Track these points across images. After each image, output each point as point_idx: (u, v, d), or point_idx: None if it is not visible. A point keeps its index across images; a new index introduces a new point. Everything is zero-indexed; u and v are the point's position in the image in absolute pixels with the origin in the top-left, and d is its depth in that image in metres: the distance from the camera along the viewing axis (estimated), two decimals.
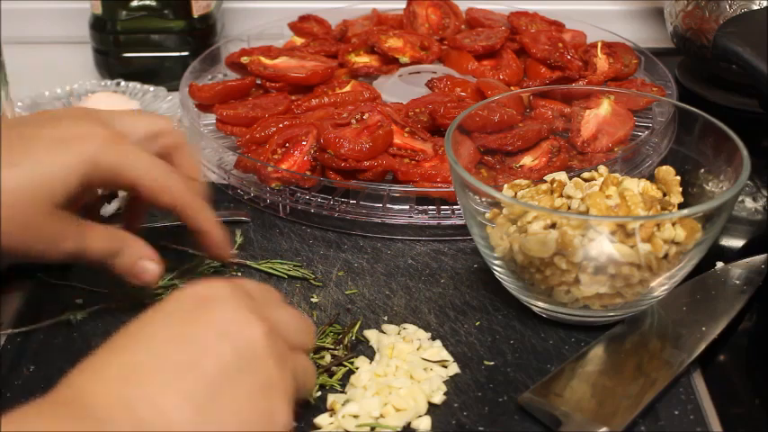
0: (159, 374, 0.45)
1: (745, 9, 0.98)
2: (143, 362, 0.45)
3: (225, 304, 0.49)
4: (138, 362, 0.45)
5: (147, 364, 0.45)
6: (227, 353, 0.46)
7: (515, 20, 1.09)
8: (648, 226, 0.62)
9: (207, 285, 0.50)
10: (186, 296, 0.49)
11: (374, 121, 0.84)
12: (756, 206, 0.87)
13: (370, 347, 0.66)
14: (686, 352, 0.64)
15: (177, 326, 0.47)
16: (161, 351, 0.46)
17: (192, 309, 0.48)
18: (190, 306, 0.49)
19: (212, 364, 0.46)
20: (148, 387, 0.44)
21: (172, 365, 0.45)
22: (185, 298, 0.49)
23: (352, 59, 1.03)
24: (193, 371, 0.45)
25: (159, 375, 0.45)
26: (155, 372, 0.45)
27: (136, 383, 0.44)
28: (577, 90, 0.94)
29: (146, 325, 0.48)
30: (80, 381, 0.45)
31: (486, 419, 0.60)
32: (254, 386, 0.47)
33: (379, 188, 0.80)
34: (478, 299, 0.72)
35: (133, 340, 0.47)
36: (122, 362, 0.45)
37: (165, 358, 0.45)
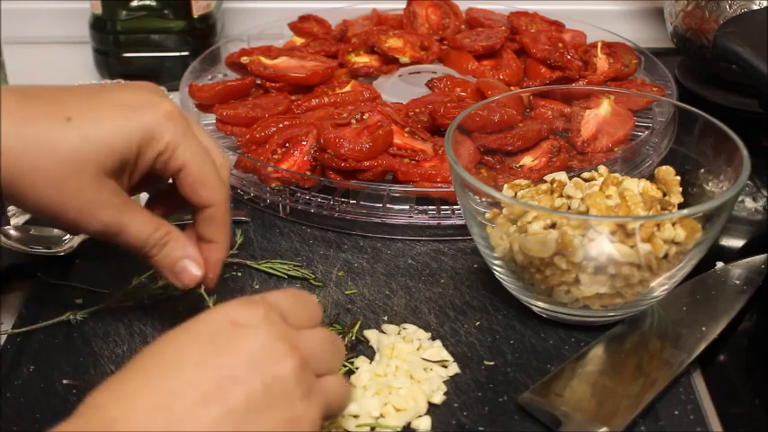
0: (187, 403, 0.44)
1: (745, 9, 0.98)
2: (172, 390, 0.44)
3: (257, 333, 0.47)
4: (167, 389, 0.44)
5: (176, 391, 0.44)
6: (257, 386, 0.45)
7: (515, 20, 1.09)
8: (648, 226, 0.62)
9: (240, 309, 0.48)
10: (218, 319, 0.48)
11: (374, 121, 0.84)
12: (756, 206, 0.86)
13: (370, 347, 0.66)
14: (686, 352, 0.64)
15: (208, 352, 0.46)
16: (190, 378, 0.45)
17: (223, 334, 0.47)
18: (222, 331, 0.47)
19: (240, 396, 0.45)
20: (176, 415, 0.43)
21: (200, 395, 0.44)
22: (217, 321, 0.48)
23: (352, 59, 1.03)
24: (221, 401, 0.44)
25: (187, 404, 0.44)
26: (183, 400, 0.44)
27: (164, 411, 0.43)
28: (577, 90, 0.94)
29: (175, 347, 0.47)
30: (107, 405, 0.44)
31: (486, 419, 0.60)
32: (280, 421, 0.46)
33: (379, 188, 0.80)
34: (478, 299, 0.72)
35: (162, 364, 0.46)
36: (151, 387, 0.45)
37: (193, 386, 0.44)
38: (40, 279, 0.74)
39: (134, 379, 0.45)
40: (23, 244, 0.76)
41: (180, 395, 0.44)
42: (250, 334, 0.47)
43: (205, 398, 0.44)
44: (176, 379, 0.45)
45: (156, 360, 0.46)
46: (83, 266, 0.76)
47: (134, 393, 0.44)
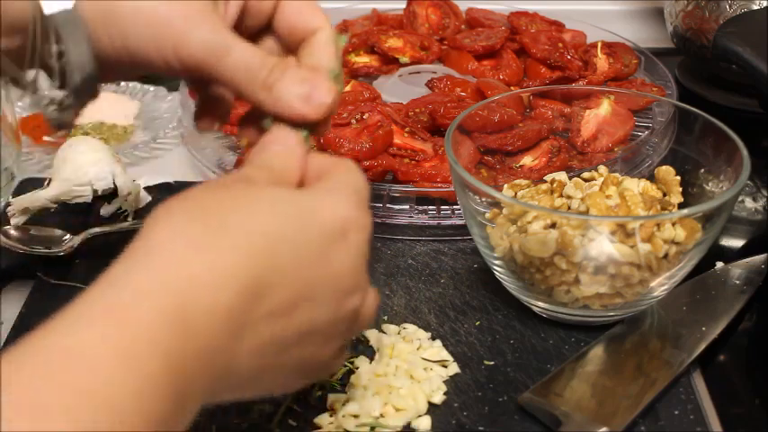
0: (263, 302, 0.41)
1: (745, 9, 0.98)
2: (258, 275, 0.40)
3: (355, 253, 0.45)
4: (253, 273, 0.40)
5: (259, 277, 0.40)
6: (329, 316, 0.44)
7: (515, 20, 1.09)
8: (648, 226, 0.62)
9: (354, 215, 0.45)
10: (333, 221, 0.44)
11: (374, 121, 0.84)
12: (756, 206, 0.86)
13: (370, 347, 0.66)
14: (686, 352, 0.64)
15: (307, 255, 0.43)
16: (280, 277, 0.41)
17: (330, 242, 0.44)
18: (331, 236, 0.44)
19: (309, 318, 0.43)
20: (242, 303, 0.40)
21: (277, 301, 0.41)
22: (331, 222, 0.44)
23: (352, 59, 1.03)
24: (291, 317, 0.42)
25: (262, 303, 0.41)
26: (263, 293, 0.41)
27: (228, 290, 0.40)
28: (577, 90, 0.94)
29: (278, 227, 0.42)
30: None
31: (486, 419, 0.60)
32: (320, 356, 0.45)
33: (379, 188, 0.80)
34: (478, 299, 0.72)
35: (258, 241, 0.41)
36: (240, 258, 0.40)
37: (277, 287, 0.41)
38: (40, 279, 0.74)
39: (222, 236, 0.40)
40: (23, 244, 0.76)
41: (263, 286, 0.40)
42: (350, 252, 0.44)
43: (277, 305, 0.41)
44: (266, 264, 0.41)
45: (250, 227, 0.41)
46: (83, 266, 0.76)
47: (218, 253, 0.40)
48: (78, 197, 0.80)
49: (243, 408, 0.60)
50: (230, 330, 0.39)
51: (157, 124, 0.99)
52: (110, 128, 0.98)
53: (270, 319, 0.41)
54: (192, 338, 0.37)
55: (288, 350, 0.43)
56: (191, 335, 0.37)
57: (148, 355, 0.35)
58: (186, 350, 0.37)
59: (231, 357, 0.40)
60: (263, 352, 0.41)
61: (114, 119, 1.00)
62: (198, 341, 0.37)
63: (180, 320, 0.37)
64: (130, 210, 0.83)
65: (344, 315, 0.45)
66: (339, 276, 0.44)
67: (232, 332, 0.39)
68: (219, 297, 0.38)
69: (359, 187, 0.47)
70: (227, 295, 0.38)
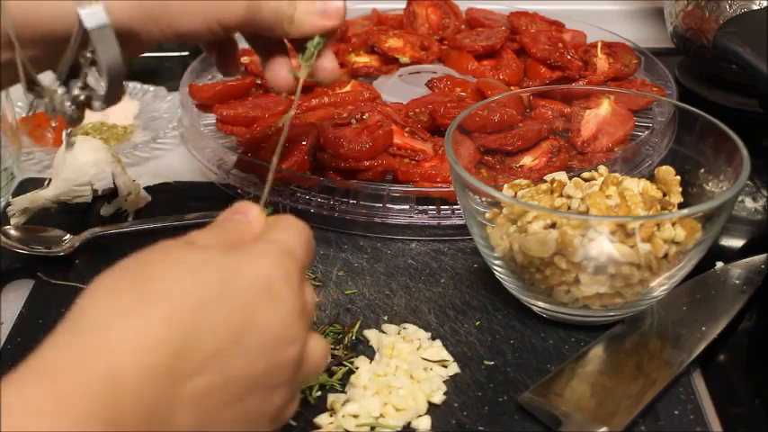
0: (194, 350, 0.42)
1: (745, 9, 0.98)
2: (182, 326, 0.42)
3: (284, 308, 0.45)
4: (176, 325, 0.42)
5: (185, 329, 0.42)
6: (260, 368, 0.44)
7: (515, 20, 1.09)
8: (648, 226, 0.62)
9: (279, 274, 0.46)
10: (258, 279, 0.45)
11: (374, 121, 0.84)
12: (756, 206, 0.86)
13: (370, 347, 0.66)
14: (686, 352, 0.64)
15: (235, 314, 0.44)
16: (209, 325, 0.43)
17: (254, 299, 0.44)
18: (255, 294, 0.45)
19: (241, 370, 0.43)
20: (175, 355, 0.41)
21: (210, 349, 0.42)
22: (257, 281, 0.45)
23: (352, 59, 1.03)
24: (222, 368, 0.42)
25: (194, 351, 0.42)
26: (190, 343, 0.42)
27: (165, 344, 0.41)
28: (577, 90, 0.94)
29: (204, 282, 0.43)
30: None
31: (486, 419, 0.60)
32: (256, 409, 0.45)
33: (379, 188, 0.80)
34: (478, 299, 0.72)
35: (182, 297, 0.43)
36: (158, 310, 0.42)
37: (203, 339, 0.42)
38: (40, 279, 0.74)
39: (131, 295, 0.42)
40: (23, 244, 0.77)
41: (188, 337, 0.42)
42: (277, 306, 0.45)
43: (207, 358, 0.42)
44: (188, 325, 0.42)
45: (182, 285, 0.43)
46: (83, 266, 0.76)
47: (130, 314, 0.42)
48: (78, 197, 0.81)
49: None
50: (160, 389, 0.40)
51: (157, 124, 0.99)
52: (110, 128, 0.98)
53: (200, 376, 0.42)
54: (125, 397, 0.39)
55: (230, 403, 0.44)
56: (123, 393, 0.39)
57: (87, 412, 0.38)
58: (121, 407, 0.39)
59: (169, 414, 0.41)
60: (201, 407, 0.42)
61: (114, 119, 1.00)
62: (131, 399, 0.39)
63: (112, 381, 0.39)
64: (130, 210, 0.83)
65: (282, 365, 0.46)
66: (268, 330, 0.45)
67: (162, 391, 0.41)
68: (144, 359, 0.40)
69: (289, 243, 0.48)
70: (150, 357, 0.40)
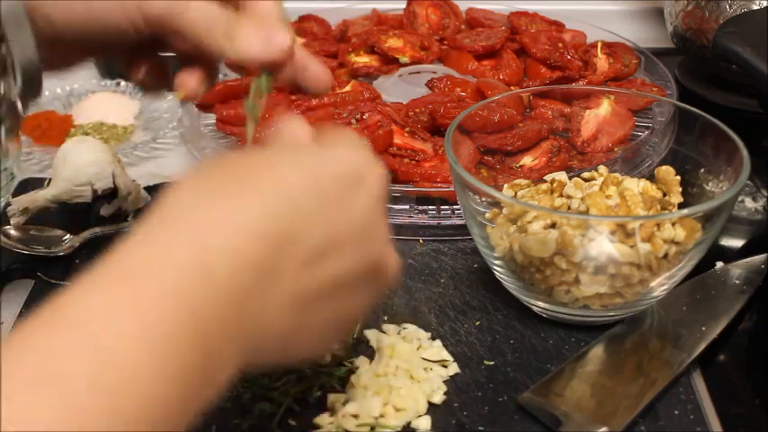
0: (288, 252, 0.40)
1: (745, 9, 0.98)
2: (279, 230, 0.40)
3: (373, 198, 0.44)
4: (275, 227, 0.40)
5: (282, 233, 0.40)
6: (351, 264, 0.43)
7: (515, 20, 1.09)
8: (648, 226, 0.62)
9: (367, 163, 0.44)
10: (349, 168, 0.44)
11: (374, 121, 0.84)
12: (756, 206, 0.86)
13: (370, 347, 0.66)
14: (686, 352, 0.64)
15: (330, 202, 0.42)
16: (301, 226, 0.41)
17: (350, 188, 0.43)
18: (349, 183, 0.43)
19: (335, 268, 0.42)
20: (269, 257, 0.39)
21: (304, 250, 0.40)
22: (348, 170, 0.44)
23: (352, 59, 1.03)
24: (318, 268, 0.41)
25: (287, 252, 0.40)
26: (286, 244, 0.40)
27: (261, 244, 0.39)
28: (577, 90, 0.94)
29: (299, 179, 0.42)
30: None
31: (486, 419, 0.60)
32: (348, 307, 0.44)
33: None
34: (478, 299, 0.72)
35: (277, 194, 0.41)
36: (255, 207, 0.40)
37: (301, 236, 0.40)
38: (40, 279, 0.74)
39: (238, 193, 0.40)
40: (23, 244, 0.77)
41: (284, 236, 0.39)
42: (369, 196, 0.44)
43: (306, 254, 0.40)
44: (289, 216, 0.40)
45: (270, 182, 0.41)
46: (83, 266, 0.75)
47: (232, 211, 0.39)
48: (78, 197, 0.80)
49: (243, 408, 0.60)
50: (257, 282, 0.38)
51: (157, 124, 0.99)
52: (110, 128, 0.98)
53: (298, 270, 0.40)
54: (218, 295, 0.36)
55: (317, 302, 0.42)
56: (216, 292, 0.36)
57: (170, 312, 0.34)
58: (211, 305, 0.36)
59: (260, 312, 0.39)
60: (292, 306, 0.40)
61: (114, 119, 1.00)
62: (224, 298, 0.36)
63: (204, 279, 0.36)
64: (130, 210, 0.82)
65: (367, 264, 0.44)
66: (361, 220, 0.43)
67: (259, 284, 0.38)
68: (245, 249, 0.37)
69: (357, 140, 0.47)
70: (252, 247, 0.38)
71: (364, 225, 0.44)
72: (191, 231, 0.37)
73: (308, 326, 0.42)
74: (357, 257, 0.43)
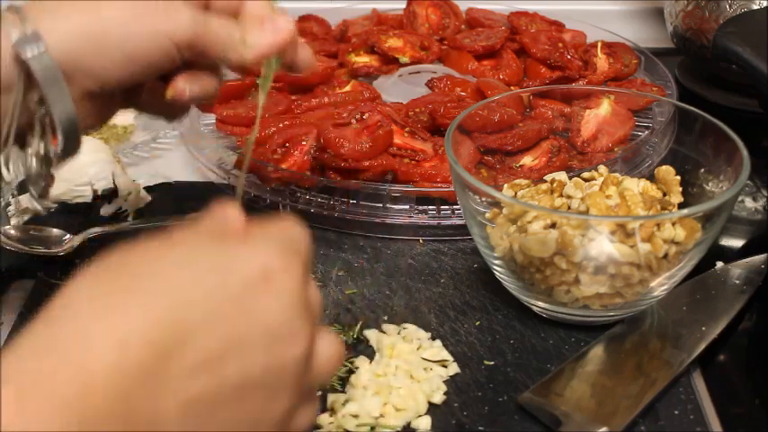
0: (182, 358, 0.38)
1: (745, 9, 0.98)
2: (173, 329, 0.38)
3: (283, 299, 0.41)
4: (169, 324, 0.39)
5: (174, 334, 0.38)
6: (257, 367, 0.40)
7: (515, 20, 1.09)
8: (648, 226, 0.62)
9: (278, 261, 0.42)
10: (253, 267, 0.41)
11: (374, 121, 0.84)
12: (756, 206, 0.86)
13: (370, 347, 0.66)
14: (686, 352, 0.64)
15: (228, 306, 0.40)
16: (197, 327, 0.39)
17: (251, 288, 0.41)
18: (252, 283, 0.41)
19: (236, 370, 0.40)
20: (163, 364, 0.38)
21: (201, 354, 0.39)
22: (251, 269, 0.41)
23: (352, 59, 1.03)
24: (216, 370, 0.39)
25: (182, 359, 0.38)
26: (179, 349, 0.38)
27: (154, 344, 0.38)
28: (577, 90, 0.94)
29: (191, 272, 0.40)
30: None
31: (486, 419, 0.60)
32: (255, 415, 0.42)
33: (379, 188, 0.80)
34: (478, 299, 0.72)
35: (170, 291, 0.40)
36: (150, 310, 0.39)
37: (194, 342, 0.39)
38: (40, 279, 0.74)
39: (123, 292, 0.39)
40: (23, 244, 0.77)
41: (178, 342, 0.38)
42: (277, 299, 0.41)
43: (198, 359, 0.39)
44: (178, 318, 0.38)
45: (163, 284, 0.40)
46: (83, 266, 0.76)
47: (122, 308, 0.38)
48: (78, 197, 0.81)
49: None
50: (144, 389, 0.37)
51: (157, 124, 0.99)
52: (110, 128, 0.98)
53: (191, 374, 0.39)
54: (105, 401, 0.36)
55: (224, 407, 0.40)
56: (103, 397, 0.36)
57: (52, 416, 0.35)
58: (97, 416, 0.36)
59: (154, 419, 0.38)
60: (192, 410, 0.39)
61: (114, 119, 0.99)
62: (111, 404, 0.36)
63: (86, 385, 0.36)
64: (130, 210, 0.83)
65: (284, 366, 0.42)
66: (266, 324, 0.41)
67: (147, 392, 0.37)
68: (126, 357, 0.37)
69: (287, 237, 0.45)
70: (134, 354, 0.37)
71: (273, 326, 0.41)
72: (72, 342, 0.37)
73: (212, 429, 0.40)
74: (267, 360, 0.41)
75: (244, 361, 0.40)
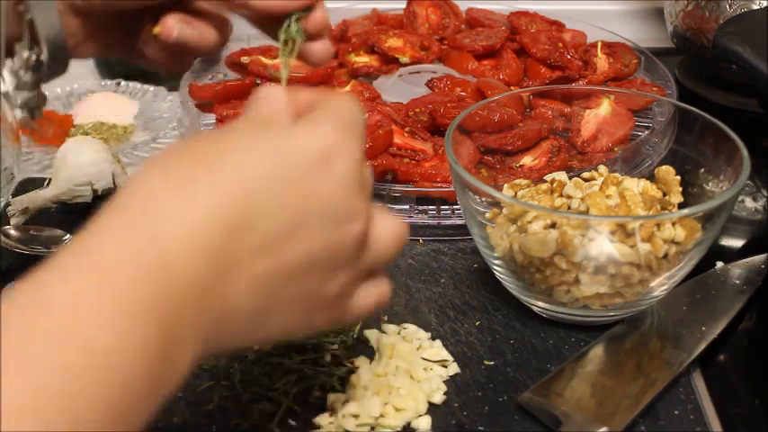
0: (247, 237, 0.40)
1: (745, 9, 0.98)
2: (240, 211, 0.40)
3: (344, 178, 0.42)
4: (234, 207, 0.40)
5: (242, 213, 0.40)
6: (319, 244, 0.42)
7: (515, 20, 1.09)
8: (648, 226, 0.62)
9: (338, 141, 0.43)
10: (314, 147, 0.42)
11: (374, 121, 0.84)
12: (756, 206, 0.86)
13: (370, 347, 0.66)
14: (686, 352, 0.64)
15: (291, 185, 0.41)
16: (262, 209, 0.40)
17: (314, 168, 0.42)
18: (313, 163, 0.42)
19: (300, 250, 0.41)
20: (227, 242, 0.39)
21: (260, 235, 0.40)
22: (313, 149, 0.42)
23: (352, 59, 1.03)
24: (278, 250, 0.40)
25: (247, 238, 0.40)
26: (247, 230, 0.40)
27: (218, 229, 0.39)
28: (577, 90, 0.94)
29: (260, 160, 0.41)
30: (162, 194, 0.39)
31: (486, 419, 0.60)
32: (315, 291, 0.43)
33: (379, 188, 0.80)
34: (478, 299, 0.72)
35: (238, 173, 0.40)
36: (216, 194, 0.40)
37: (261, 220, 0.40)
38: None
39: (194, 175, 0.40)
40: (23, 244, 0.77)
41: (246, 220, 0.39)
42: (337, 177, 0.42)
43: (265, 238, 0.40)
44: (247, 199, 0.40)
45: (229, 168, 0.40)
46: None
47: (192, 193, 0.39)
48: (78, 197, 0.81)
49: (243, 408, 0.60)
50: (216, 270, 0.38)
51: (157, 124, 0.99)
52: (110, 128, 0.98)
53: (259, 253, 0.40)
54: (175, 282, 0.37)
55: (288, 284, 0.41)
56: (173, 278, 0.37)
57: (130, 300, 0.35)
58: (170, 294, 0.37)
59: (224, 298, 0.39)
60: (259, 289, 0.40)
61: (114, 119, 1.00)
62: (181, 284, 0.37)
63: (161, 265, 0.37)
64: None
65: (345, 242, 0.43)
66: (329, 202, 0.42)
67: (218, 272, 0.38)
68: (199, 238, 0.38)
69: (345, 114, 0.45)
70: (207, 235, 0.38)
71: (333, 206, 0.42)
72: (147, 220, 0.38)
73: (282, 306, 0.42)
74: (327, 239, 0.42)
75: (307, 239, 0.41)
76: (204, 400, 0.61)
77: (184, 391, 0.62)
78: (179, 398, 0.61)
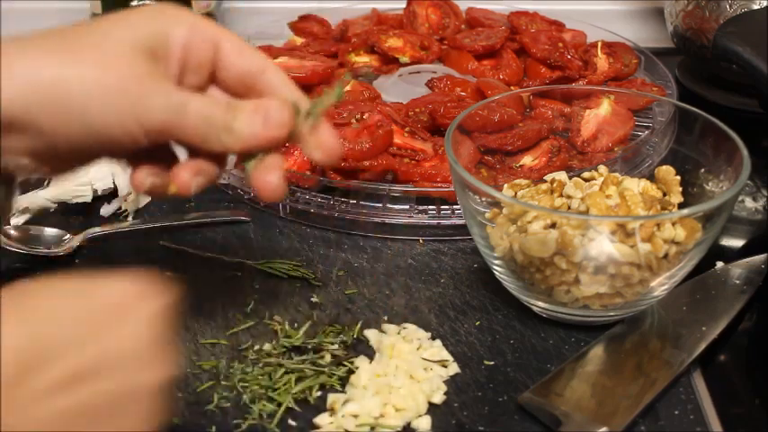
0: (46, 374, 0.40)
1: (745, 9, 0.98)
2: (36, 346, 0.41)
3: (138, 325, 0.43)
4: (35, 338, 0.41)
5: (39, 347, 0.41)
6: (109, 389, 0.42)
7: (515, 20, 1.09)
8: (648, 226, 0.62)
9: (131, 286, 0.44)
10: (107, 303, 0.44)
11: (374, 120, 0.84)
12: (756, 206, 0.87)
13: (370, 347, 0.66)
14: (686, 352, 0.64)
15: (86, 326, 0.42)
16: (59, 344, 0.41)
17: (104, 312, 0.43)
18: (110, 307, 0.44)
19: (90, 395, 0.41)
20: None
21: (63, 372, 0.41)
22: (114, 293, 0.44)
23: (352, 59, 1.03)
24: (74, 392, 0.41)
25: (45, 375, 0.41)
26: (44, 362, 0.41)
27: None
28: (577, 90, 0.94)
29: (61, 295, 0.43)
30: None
31: (486, 419, 0.60)
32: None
33: (379, 188, 0.80)
34: (478, 299, 0.72)
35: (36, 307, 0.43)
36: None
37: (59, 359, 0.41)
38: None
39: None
40: (23, 244, 0.76)
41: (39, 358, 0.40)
42: (135, 327, 0.43)
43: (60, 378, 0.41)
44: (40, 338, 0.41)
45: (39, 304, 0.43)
46: (83, 266, 0.76)
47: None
48: (78, 197, 0.81)
49: (243, 408, 0.60)
50: (5, 398, 0.39)
51: None
52: None
53: (44, 390, 0.40)
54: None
55: (78, 423, 0.41)
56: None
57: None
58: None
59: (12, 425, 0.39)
60: (49, 423, 0.40)
61: None
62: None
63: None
64: (130, 210, 0.82)
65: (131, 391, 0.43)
66: (124, 349, 0.43)
67: (7, 400, 0.39)
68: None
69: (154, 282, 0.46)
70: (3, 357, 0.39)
71: (128, 353, 0.43)
72: None
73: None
74: (114, 386, 0.42)
75: (96, 383, 0.42)
76: (204, 400, 0.61)
77: (184, 392, 0.62)
78: (179, 398, 0.61)
